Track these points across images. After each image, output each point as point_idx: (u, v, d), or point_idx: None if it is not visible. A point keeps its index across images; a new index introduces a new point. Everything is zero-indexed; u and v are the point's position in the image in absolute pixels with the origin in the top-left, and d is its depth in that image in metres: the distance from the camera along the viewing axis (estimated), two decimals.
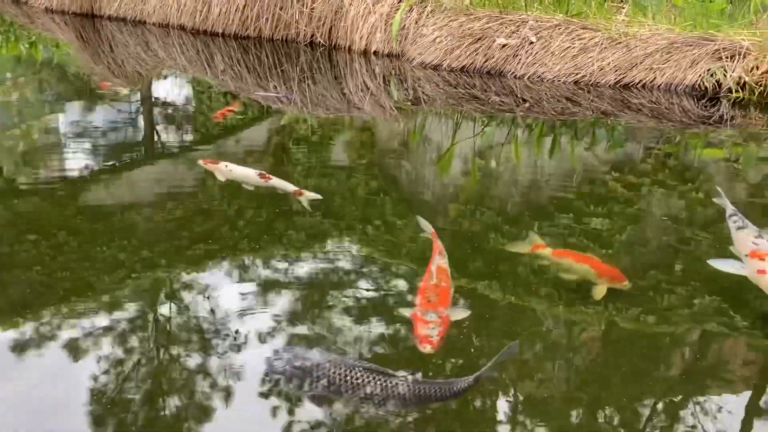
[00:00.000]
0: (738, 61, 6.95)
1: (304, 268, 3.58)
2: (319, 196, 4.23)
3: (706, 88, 7.05)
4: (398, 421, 2.50)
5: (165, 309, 3.19)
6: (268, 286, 3.39)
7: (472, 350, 2.99)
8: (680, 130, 6.15)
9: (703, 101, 6.94)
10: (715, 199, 4.20)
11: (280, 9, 9.21)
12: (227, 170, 4.49)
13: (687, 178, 4.89)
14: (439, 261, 3.43)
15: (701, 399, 2.76)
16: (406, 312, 3.06)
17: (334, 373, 2.56)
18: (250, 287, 3.38)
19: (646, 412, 2.69)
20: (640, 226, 4.17)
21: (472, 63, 7.98)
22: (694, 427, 2.59)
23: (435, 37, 8.20)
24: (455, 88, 7.47)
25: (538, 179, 5.00)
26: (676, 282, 3.48)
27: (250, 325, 3.03)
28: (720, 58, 7.05)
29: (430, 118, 6.64)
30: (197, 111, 6.85)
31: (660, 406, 2.72)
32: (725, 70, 6.97)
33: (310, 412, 2.53)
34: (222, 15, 9.37)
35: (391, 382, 2.51)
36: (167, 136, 5.96)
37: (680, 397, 2.78)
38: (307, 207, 4.15)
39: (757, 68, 6.86)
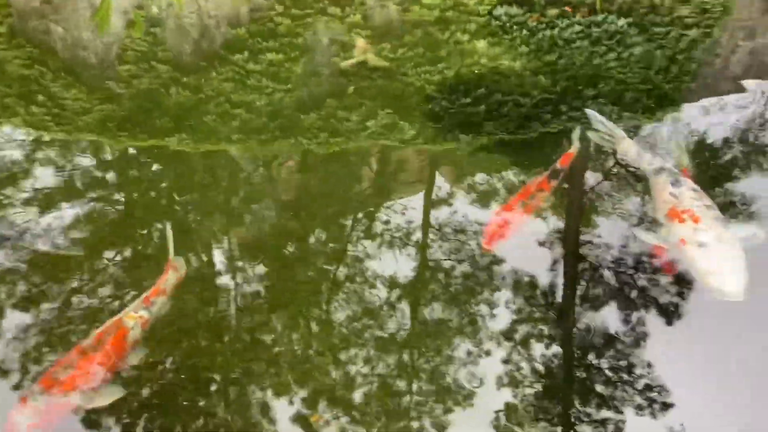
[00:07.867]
0: None
1: None
2: None
3: None
4: None
5: None
6: None
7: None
8: None
9: None
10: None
11: None
12: None
13: (343, 4, 5.14)
14: (130, 312, 2.36)
15: (390, 203, 3.21)
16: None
17: None
18: None
19: (349, 226, 3.06)
20: (310, 57, 4.36)
21: None
22: (387, 223, 3.04)
23: None
24: None
25: (205, 22, 4.83)
26: (351, 106, 3.79)
27: None
28: None
29: None
30: None
31: (359, 216, 3.10)
32: None
33: None
34: None
35: None
36: None
37: (372, 207, 3.20)
38: None
39: None
